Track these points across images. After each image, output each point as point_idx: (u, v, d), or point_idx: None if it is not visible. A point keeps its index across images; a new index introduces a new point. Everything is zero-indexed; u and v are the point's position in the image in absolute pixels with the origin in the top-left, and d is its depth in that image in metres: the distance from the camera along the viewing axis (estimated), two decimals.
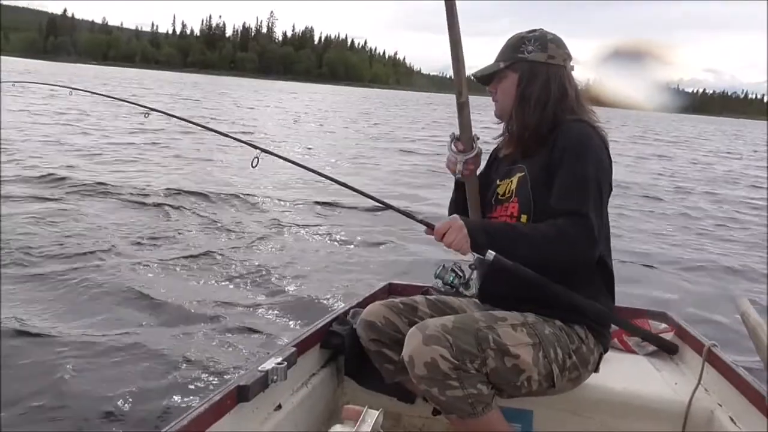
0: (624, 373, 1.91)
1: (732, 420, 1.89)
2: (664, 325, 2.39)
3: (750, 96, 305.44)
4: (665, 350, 1.73)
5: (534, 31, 1.87)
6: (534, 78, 1.82)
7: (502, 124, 2.00)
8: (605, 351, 1.89)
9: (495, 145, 2.09)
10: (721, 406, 1.97)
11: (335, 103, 45.21)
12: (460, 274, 1.71)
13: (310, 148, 14.77)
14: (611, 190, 1.83)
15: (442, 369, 1.57)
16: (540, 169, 1.80)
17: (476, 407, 1.61)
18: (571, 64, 1.88)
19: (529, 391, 1.74)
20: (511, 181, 1.87)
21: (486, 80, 1.92)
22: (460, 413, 1.62)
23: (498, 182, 1.94)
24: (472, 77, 1.92)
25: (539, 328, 1.74)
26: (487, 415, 1.63)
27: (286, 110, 29.49)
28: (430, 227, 1.76)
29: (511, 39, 1.88)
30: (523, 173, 1.84)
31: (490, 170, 2.06)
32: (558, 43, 1.86)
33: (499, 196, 1.90)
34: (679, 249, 7.19)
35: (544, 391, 1.76)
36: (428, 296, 2.03)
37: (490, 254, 1.65)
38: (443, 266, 1.71)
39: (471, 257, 1.83)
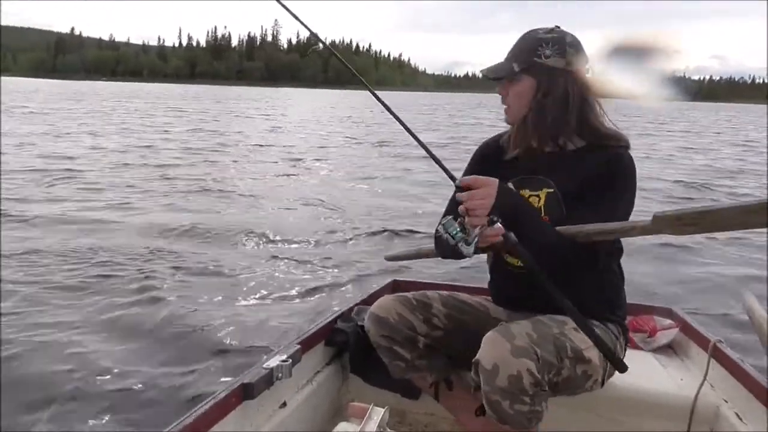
0: (629, 370, 1.89)
1: (738, 416, 1.87)
2: (669, 322, 2.37)
3: (757, 81, 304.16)
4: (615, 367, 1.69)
5: (551, 30, 1.73)
6: (553, 87, 1.70)
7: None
8: (626, 345, 1.88)
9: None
10: (726, 402, 1.95)
11: (358, 108, 44.80)
12: (467, 230, 1.56)
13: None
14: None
15: (524, 384, 1.48)
16: (573, 189, 1.72)
17: (532, 422, 1.55)
18: (587, 66, 1.76)
19: (582, 392, 1.71)
20: (538, 196, 1.78)
21: (497, 78, 1.80)
22: (515, 426, 1.54)
23: (514, 189, 1.82)
24: (481, 74, 1.81)
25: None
26: (533, 427, 1.59)
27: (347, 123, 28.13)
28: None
29: (526, 38, 1.75)
30: (552, 190, 1.76)
31: (489, 168, 1.90)
32: (577, 46, 1.73)
33: None
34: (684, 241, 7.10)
35: (590, 389, 1.73)
36: (441, 292, 1.97)
37: (510, 235, 1.54)
38: (452, 217, 1.58)
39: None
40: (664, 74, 1.88)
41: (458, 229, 1.55)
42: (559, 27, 1.76)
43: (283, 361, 1.83)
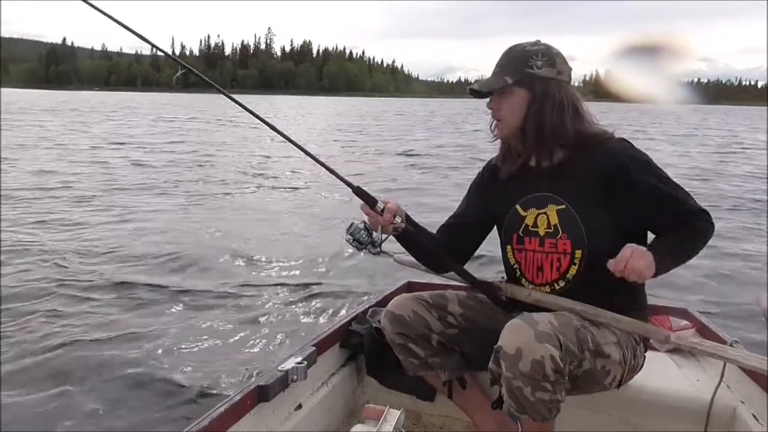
0: (645, 370, 1.87)
1: (755, 417, 1.86)
2: (685, 322, 2.35)
3: (744, 83, 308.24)
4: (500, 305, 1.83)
5: (536, 43, 1.76)
6: (548, 96, 1.71)
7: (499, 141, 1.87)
8: (647, 351, 1.87)
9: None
10: (743, 403, 1.94)
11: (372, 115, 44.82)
12: (371, 233, 1.74)
13: None
14: None
15: (546, 370, 1.48)
16: (582, 198, 1.72)
17: (552, 412, 1.56)
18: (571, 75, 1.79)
19: (601, 391, 1.72)
20: (546, 214, 1.77)
21: (484, 94, 1.80)
22: (535, 416, 1.55)
23: (522, 211, 1.82)
24: (469, 89, 1.81)
25: (612, 327, 1.70)
26: (552, 419, 1.60)
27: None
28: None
29: (513, 51, 1.76)
30: (562, 206, 1.75)
31: (487, 192, 1.94)
32: (562, 57, 1.76)
33: (530, 228, 1.80)
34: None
35: (608, 390, 1.74)
36: (458, 292, 1.97)
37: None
38: (354, 224, 1.75)
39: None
40: (673, 76, 1.87)
41: (365, 235, 1.74)
42: (540, 41, 1.78)
43: (299, 363, 1.84)
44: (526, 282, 1.84)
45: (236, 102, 1.92)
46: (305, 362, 1.84)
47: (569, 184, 1.74)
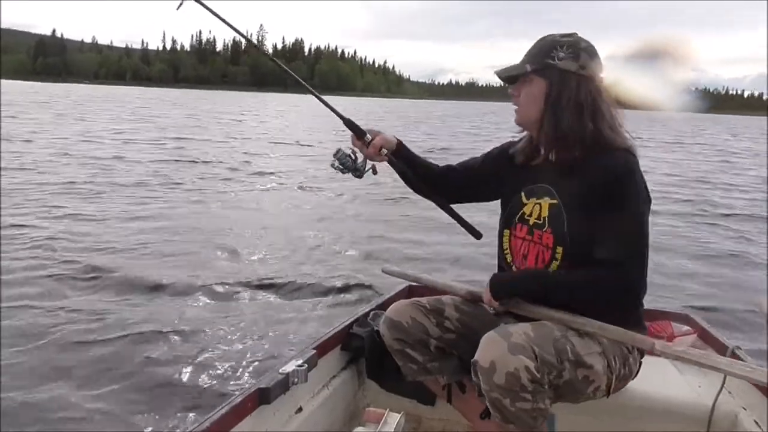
0: (646, 376, 1.86)
1: (757, 423, 1.86)
2: (686, 328, 2.35)
3: (731, 92, 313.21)
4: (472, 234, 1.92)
5: (568, 35, 1.73)
6: (564, 88, 1.69)
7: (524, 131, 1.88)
8: (642, 357, 1.85)
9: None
10: (745, 409, 1.94)
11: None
12: (356, 159, 1.87)
13: None
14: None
15: (522, 381, 1.49)
16: (575, 199, 1.71)
17: (537, 420, 1.55)
18: (602, 75, 1.74)
19: (587, 400, 1.71)
20: (540, 205, 1.78)
21: (510, 80, 1.80)
22: (521, 425, 1.54)
23: (524, 199, 1.83)
24: (495, 72, 1.81)
25: (599, 336, 1.69)
26: (540, 427, 1.59)
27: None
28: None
29: (541, 41, 1.75)
30: (555, 201, 1.75)
31: (501, 169, 1.94)
32: (591, 52, 1.71)
33: (526, 216, 1.81)
34: (701, 248, 7.11)
35: (594, 398, 1.72)
36: (455, 297, 1.97)
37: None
38: (341, 150, 1.87)
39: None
40: (680, 82, 1.86)
41: (350, 161, 1.86)
42: (576, 34, 1.75)
43: (299, 365, 1.83)
44: (514, 269, 1.85)
45: (315, 94, 2.07)
46: (306, 365, 1.84)
47: (570, 182, 1.73)
